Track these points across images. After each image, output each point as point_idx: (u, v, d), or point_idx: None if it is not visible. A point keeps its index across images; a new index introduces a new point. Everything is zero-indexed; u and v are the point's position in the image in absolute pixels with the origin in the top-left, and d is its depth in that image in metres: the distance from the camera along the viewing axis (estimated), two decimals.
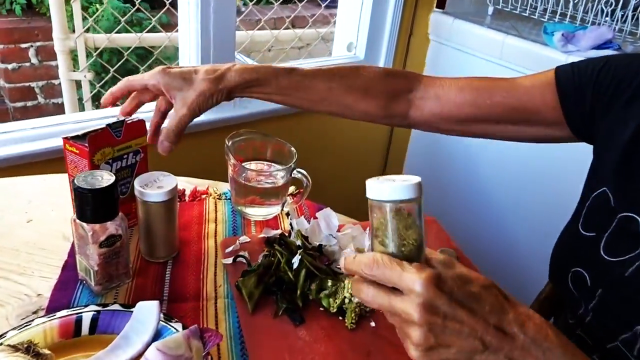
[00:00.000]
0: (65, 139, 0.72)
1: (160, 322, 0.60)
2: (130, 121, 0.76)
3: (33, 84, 2.67)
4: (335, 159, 1.76)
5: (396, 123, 0.88)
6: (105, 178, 0.64)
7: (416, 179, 0.47)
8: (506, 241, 1.65)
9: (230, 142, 0.86)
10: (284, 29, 1.85)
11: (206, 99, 0.75)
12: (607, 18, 1.49)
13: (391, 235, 0.47)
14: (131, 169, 0.79)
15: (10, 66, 2.59)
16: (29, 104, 2.70)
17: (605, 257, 0.67)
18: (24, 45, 2.59)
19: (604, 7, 1.47)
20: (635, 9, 1.43)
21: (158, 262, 0.77)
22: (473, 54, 1.61)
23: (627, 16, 1.44)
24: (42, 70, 2.66)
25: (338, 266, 0.74)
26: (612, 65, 0.71)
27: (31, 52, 2.62)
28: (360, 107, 0.83)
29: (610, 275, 0.66)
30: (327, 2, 1.79)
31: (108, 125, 0.73)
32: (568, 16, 1.58)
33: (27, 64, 2.63)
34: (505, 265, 1.65)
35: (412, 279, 0.45)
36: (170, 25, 2.42)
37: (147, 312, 0.60)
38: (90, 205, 0.63)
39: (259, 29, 1.75)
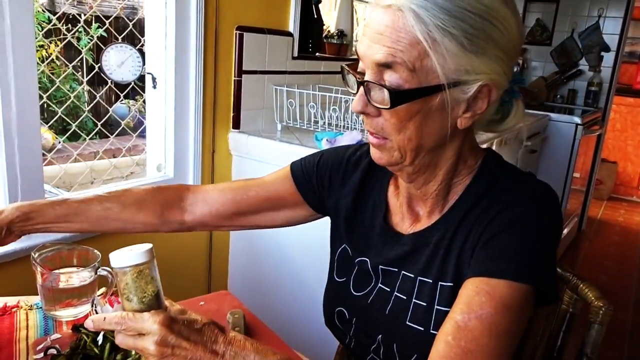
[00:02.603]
0: None
1: None
2: None
3: None
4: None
5: (176, 228, 1.03)
6: None
7: (147, 246, 0.67)
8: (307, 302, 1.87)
9: (36, 255, 0.98)
10: (98, 159, 2.00)
11: None
12: (357, 125, 1.93)
13: (134, 291, 0.65)
14: None
15: None
16: None
17: (355, 293, 0.92)
18: None
19: (356, 118, 1.92)
20: None
21: None
22: (268, 162, 1.93)
23: None
24: None
25: None
26: (325, 158, 0.99)
27: None
28: (138, 219, 0.99)
29: (359, 306, 0.90)
30: (138, 132, 2.01)
31: None
32: (334, 126, 2.01)
33: None
34: (307, 324, 1.86)
35: (150, 323, 0.64)
36: None
37: None
38: None
39: (72, 162, 1.87)
